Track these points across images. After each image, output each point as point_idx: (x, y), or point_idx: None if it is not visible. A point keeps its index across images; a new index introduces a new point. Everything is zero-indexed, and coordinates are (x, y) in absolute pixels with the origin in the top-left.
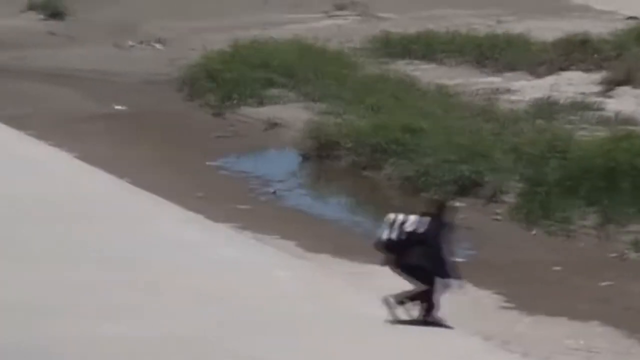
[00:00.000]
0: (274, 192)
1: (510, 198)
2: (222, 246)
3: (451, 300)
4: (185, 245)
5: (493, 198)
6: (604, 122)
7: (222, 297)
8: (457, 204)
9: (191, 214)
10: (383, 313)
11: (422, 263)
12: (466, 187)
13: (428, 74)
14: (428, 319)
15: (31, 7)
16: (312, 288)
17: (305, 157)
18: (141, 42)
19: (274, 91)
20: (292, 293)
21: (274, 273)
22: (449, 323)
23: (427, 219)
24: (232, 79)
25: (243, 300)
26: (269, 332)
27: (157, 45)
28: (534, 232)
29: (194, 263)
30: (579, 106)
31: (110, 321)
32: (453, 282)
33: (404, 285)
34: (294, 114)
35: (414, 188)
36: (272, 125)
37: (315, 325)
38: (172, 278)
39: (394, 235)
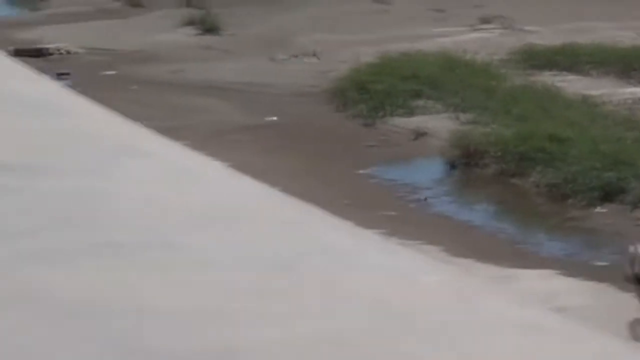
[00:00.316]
0: (425, 199)
1: None
2: (370, 252)
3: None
4: (335, 251)
5: (637, 204)
6: None
7: (372, 301)
8: (602, 210)
9: (340, 221)
10: (532, 315)
11: None
12: (611, 194)
13: (573, 85)
14: None
15: (188, 23)
16: (458, 292)
17: (452, 166)
18: (295, 56)
19: (421, 102)
20: (439, 297)
21: (420, 278)
22: None
23: None
24: (382, 90)
25: (391, 304)
26: (417, 336)
27: (309, 59)
28: None
29: (344, 268)
30: None
31: (275, 325)
32: None
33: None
34: (441, 123)
35: (560, 195)
36: (420, 134)
37: (463, 329)
38: (323, 283)
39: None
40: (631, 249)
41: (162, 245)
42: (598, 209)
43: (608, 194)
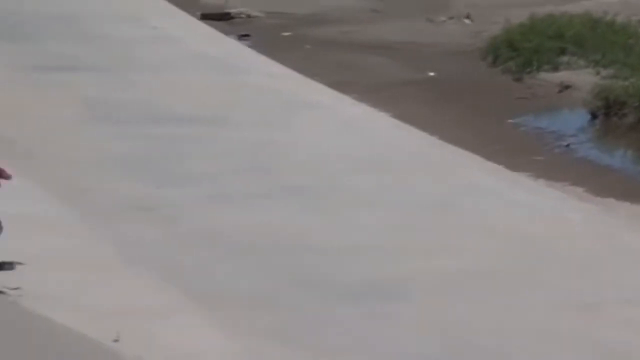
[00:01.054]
0: (567, 145)
1: None
2: (519, 192)
3: None
4: (487, 191)
5: None
6: None
7: (519, 235)
8: None
9: (492, 164)
10: None
11: None
12: None
13: None
14: None
15: None
16: (599, 228)
17: (594, 116)
18: (451, 18)
19: (566, 58)
20: (581, 232)
21: (565, 214)
22: None
23: None
24: (530, 48)
25: (537, 238)
26: (561, 265)
27: (465, 20)
28: None
29: (494, 206)
30: None
31: (436, 257)
32: None
33: None
34: (584, 78)
35: None
36: (565, 87)
37: (604, 260)
38: (476, 219)
39: None
40: None
41: (330, 188)
42: None
43: None
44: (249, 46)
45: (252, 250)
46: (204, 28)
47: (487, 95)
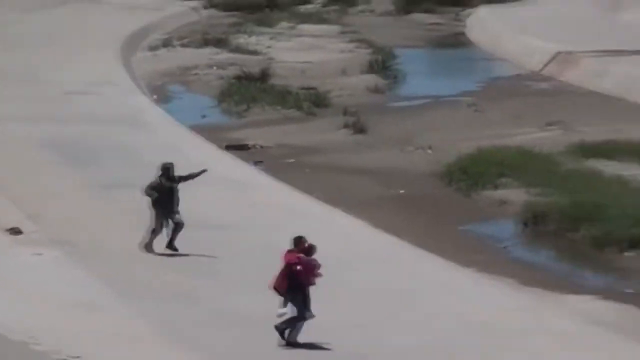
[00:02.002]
0: (505, 247)
1: None
2: (467, 283)
3: None
4: (441, 283)
5: None
6: None
7: (462, 317)
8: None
9: (446, 262)
10: (574, 328)
11: None
12: (637, 243)
13: (610, 168)
14: None
15: (345, 126)
16: (528, 310)
17: (525, 224)
18: (417, 148)
19: (504, 180)
20: (514, 314)
21: (501, 302)
22: None
23: None
24: (477, 172)
25: (479, 319)
26: (495, 341)
27: (428, 150)
28: None
29: (447, 295)
30: None
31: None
32: None
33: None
34: (518, 195)
35: (601, 244)
36: (503, 202)
37: (531, 336)
38: (432, 306)
39: None
40: None
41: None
42: (627, 254)
43: (635, 243)
44: (262, 170)
45: None
46: (228, 156)
47: (443, 207)
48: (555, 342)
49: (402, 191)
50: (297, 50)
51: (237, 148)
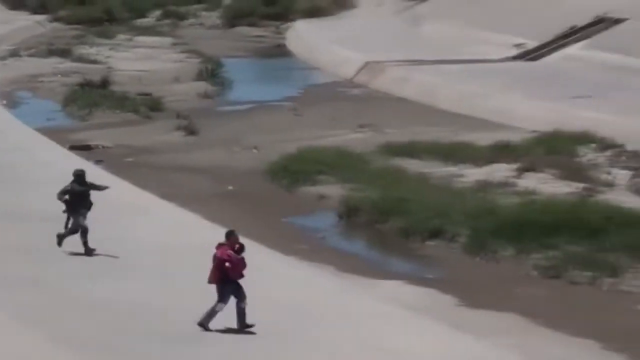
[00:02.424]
0: (322, 237)
1: (462, 239)
2: (291, 269)
3: None
4: (269, 269)
5: (452, 239)
6: (517, 193)
7: (284, 299)
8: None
9: (270, 250)
10: (385, 307)
11: None
12: (437, 233)
13: (414, 166)
14: None
15: (178, 129)
16: (341, 292)
17: (340, 217)
18: (243, 149)
19: (322, 177)
20: (329, 295)
21: (320, 283)
22: None
23: None
24: (297, 170)
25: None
26: (311, 319)
27: (254, 150)
28: (477, 258)
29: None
30: (503, 184)
31: None
32: None
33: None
34: (334, 190)
35: (406, 234)
36: (321, 197)
37: (341, 316)
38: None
39: None
40: None
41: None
42: (428, 243)
43: (434, 233)
44: (103, 168)
45: None
46: (72, 156)
47: (268, 202)
48: (369, 322)
49: (230, 187)
50: (134, 60)
51: (80, 148)
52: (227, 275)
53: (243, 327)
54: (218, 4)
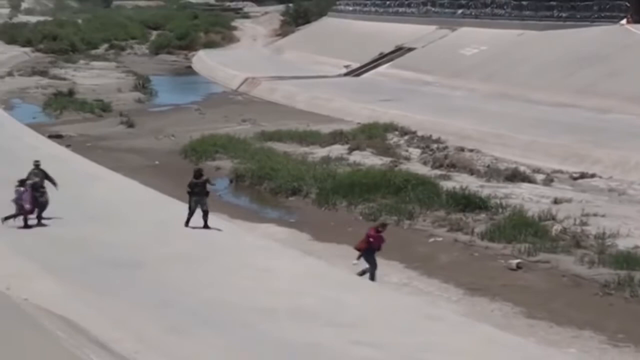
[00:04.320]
0: (219, 195)
1: (313, 195)
2: (199, 217)
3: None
4: (181, 216)
5: (306, 196)
6: (349, 165)
7: (204, 238)
8: (292, 199)
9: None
10: (264, 242)
11: None
12: (295, 192)
13: (280, 147)
14: None
15: (122, 123)
16: (233, 234)
17: (231, 181)
18: (165, 136)
19: (218, 154)
20: (227, 230)
21: (218, 224)
22: None
23: None
24: (202, 150)
25: (211, 237)
26: (215, 251)
27: (172, 137)
28: (323, 209)
29: (176, 221)
30: (339, 159)
31: (161, 248)
32: None
33: (273, 230)
34: (226, 163)
35: (275, 193)
36: (217, 168)
37: (235, 249)
38: (183, 231)
39: None
40: None
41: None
42: (291, 199)
43: (294, 192)
44: (72, 150)
45: None
46: (50, 142)
47: (183, 172)
48: (251, 251)
49: (157, 162)
50: (90, 77)
51: (55, 137)
52: (372, 246)
53: (370, 277)
54: (146, 39)
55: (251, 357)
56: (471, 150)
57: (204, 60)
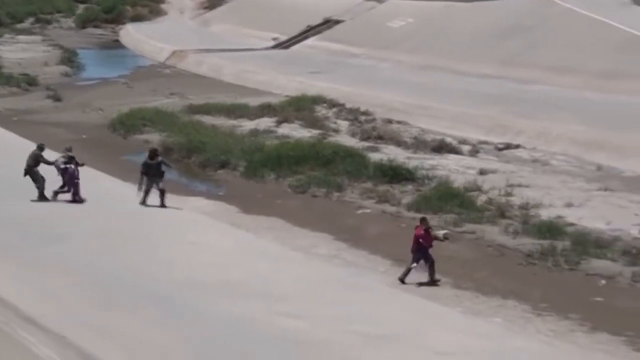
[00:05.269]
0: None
1: (241, 168)
2: (129, 190)
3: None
4: (108, 190)
5: (234, 168)
6: (277, 137)
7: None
8: (221, 172)
9: (114, 178)
10: (199, 217)
11: None
12: (224, 165)
13: (208, 120)
14: None
15: (49, 97)
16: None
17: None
18: (92, 110)
19: (146, 128)
20: (158, 205)
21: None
22: None
23: None
24: (129, 123)
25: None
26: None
27: (100, 111)
28: (251, 181)
29: (110, 198)
30: (268, 131)
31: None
32: None
33: (203, 204)
34: (154, 137)
35: (204, 166)
36: (146, 141)
37: (157, 226)
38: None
39: None
40: None
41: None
42: (219, 172)
43: (223, 165)
44: None
45: None
46: None
47: (111, 146)
48: (181, 224)
49: (84, 136)
50: (16, 51)
51: None
52: (422, 246)
53: (432, 279)
54: (73, 13)
55: (178, 329)
56: (399, 122)
57: (131, 33)
